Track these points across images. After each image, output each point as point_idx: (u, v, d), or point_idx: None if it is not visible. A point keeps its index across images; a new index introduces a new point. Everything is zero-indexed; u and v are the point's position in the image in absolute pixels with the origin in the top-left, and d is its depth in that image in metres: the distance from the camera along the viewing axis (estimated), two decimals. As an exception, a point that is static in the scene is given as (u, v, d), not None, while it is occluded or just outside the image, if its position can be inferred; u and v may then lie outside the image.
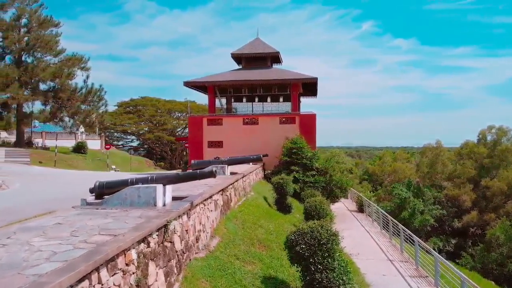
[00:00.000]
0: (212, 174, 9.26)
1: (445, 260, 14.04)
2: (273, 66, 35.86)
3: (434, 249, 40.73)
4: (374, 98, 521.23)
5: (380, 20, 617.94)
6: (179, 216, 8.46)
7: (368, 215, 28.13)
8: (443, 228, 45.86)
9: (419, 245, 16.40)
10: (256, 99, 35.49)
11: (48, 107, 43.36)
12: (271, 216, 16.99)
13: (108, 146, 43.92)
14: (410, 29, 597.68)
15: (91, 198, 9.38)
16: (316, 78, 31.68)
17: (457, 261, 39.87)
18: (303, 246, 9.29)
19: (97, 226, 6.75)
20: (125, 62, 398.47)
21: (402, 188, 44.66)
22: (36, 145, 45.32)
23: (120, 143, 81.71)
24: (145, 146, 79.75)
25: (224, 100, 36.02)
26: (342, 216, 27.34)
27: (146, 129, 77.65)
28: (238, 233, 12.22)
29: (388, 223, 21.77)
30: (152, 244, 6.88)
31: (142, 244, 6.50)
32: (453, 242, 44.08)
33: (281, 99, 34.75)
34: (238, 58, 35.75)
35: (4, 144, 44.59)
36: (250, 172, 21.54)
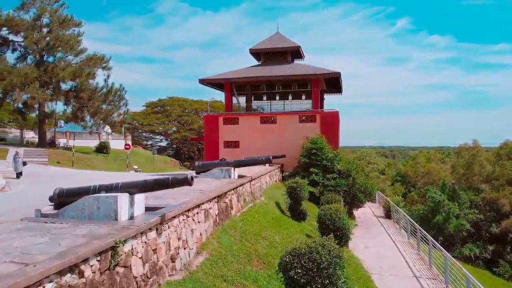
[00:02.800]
0: (186, 181, 7.67)
1: (477, 282, 11.93)
2: (294, 61, 33.92)
3: (470, 256, 38.47)
4: (408, 96, 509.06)
5: (415, 16, 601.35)
6: (141, 233, 6.95)
7: (396, 222, 25.76)
8: (479, 233, 43.11)
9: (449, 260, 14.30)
10: (277, 97, 33.71)
11: (69, 107, 43.22)
12: (281, 224, 15.20)
13: (128, 146, 43.03)
14: (447, 25, 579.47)
15: (48, 208, 8.01)
16: (339, 73, 29.47)
17: (494, 269, 37.38)
18: (299, 271, 7.60)
19: (20, 248, 5.42)
20: (159, 64, 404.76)
21: (436, 190, 43.04)
22: (58, 145, 45.29)
23: (149, 143, 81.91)
24: (174, 146, 79.53)
25: (243, 99, 34.44)
26: (366, 223, 25.28)
27: (174, 129, 77.58)
28: (233, 247, 10.59)
29: (416, 231, 19.56)
30: (88, 273, 5.39)
31: (69, 274, 5.03)
32: (490, 249, 41.37)
33: (303, 97, 32.84)
34: (256, 54, 34.02)
35: (28, 144, 44.83)
36: (263, 175, 19.85)
